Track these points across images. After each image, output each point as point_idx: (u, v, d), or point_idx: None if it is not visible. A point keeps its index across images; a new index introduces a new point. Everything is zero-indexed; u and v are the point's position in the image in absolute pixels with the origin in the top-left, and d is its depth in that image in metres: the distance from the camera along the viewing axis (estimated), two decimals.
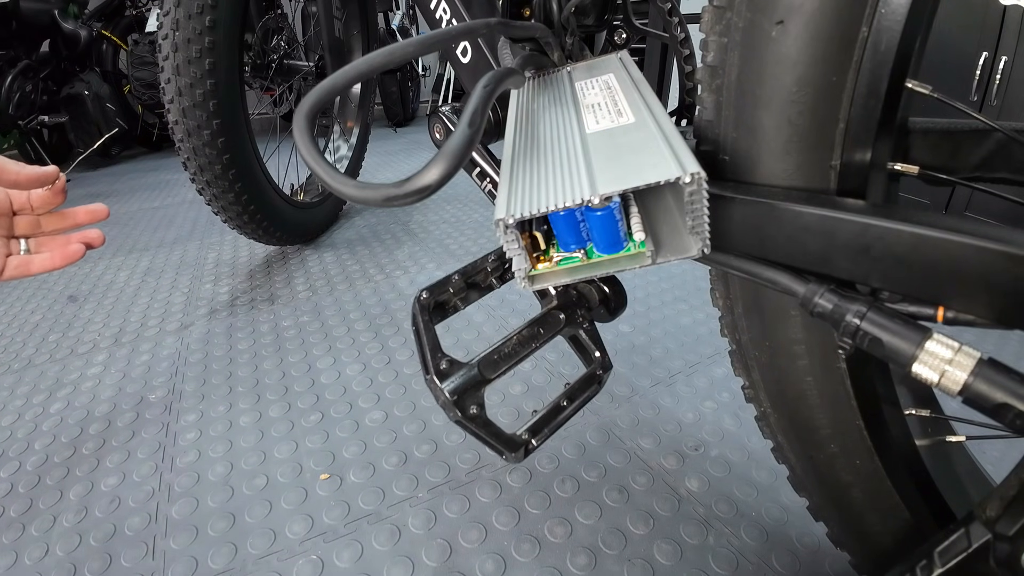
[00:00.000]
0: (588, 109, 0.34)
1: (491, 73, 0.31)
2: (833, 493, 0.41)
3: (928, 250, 0.23)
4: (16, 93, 2.05)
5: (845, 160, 0.28)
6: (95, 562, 0.60)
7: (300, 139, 0.23)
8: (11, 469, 0.73)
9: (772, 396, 0.40)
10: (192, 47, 1.01)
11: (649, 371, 0.87)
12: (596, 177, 0.26)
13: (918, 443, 0.37)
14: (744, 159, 0.31)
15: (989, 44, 1.18)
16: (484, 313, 1.06)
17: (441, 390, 0.35)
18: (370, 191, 0.22)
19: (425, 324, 0.39)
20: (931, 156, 0.33)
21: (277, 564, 0.59)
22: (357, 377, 0.89)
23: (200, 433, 0.78)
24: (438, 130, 0.52)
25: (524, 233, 0.29)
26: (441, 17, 0.57)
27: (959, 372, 0.22)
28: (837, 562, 0.56)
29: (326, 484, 0.68)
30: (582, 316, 0.44)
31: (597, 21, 0.56)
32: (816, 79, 0.27)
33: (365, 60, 0.27)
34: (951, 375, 0.22)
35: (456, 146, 0.24)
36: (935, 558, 0.27)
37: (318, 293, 1.19)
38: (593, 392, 0.43)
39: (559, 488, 0.66)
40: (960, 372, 0.22)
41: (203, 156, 1.09)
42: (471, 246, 1.40)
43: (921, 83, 0.27)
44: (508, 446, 0.37)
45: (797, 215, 0.27)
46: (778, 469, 0.67)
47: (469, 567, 0.57)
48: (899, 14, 0.25)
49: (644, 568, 0.56)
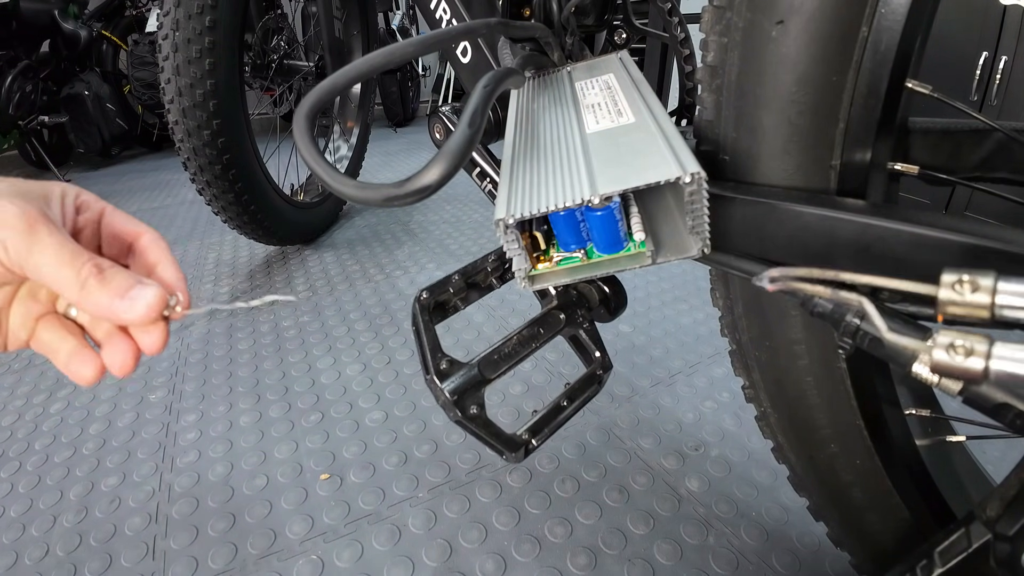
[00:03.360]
0: (588, 109, 0.34)
1: (491, 73, 0.31)
2: (833, 493, 0.41)
3: (928, 250, 0.23)
4: (16, 93, 2.05)
5: (845, 160, 0.28)
6: (95, 562, 0.60)
7: (300, 139, 0.23)
8: (11, 469, 0.73)
9: (772, 396, 0.40)
10: (192, 47, 1.01)
11: (649, 371, 0.87)
12: (596, 177, 0.26)
13: (918, 443, 0.37)
14: (744, 159, 0.31)
15: (989, 44, 1.18)
16: (484, 313, 1.06)
17: (441, 390, 0.35)
18: (370, 191, 0.22)
19: (425, 324, 0.39)
20: (931, 156, 0.33)
21: (277, 564, 0.59)
22: (357, 377, 0.89)
23: (200, 433, 0.78)
24: (438, 130, 0.52)
25: (524, 233, 0.29)
26: (441, 17, 0.57)
27: None
28: (837, 562, 0.56)
29: (326, 484, 0.68)
30: (582, 316, 0.44)
31: (597, 21, 0.56)
32: (816, 79, 0.27)
33: (365, 60, 0.27)
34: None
35: (456, 146, 0.24)
36: (935, 558, 0.27)
37: (318, 293, 1.19)
38: (593, 392, 0.43)
39: (559, 488, 0.66)
40: None
41: (203, 156, 1.09)
42: (471, 246, 1.40)
43: (921, 83, 0.27)
44: (508, 446, 0.37)
45: (797, 215, 0.27)
46: (778, 469, 0.67)
47: (469, 567, 0.57)
48: (899, 14, 0.25)
49: (644, 568, 0.56)
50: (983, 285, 0.15)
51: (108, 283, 0.25)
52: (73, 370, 0.28)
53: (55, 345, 0.28)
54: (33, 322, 0.28)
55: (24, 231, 0.23)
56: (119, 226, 0.29)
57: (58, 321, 0.28)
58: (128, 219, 0.30)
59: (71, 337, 0.28)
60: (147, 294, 0.26)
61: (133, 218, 0.30)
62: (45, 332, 0.28)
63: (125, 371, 0.28)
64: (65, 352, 0.28)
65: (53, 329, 0.28)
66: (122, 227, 0.29)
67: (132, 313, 0.25)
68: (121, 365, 0.28)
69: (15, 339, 0.28)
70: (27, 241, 0.23)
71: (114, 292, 0.25)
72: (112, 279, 0.25)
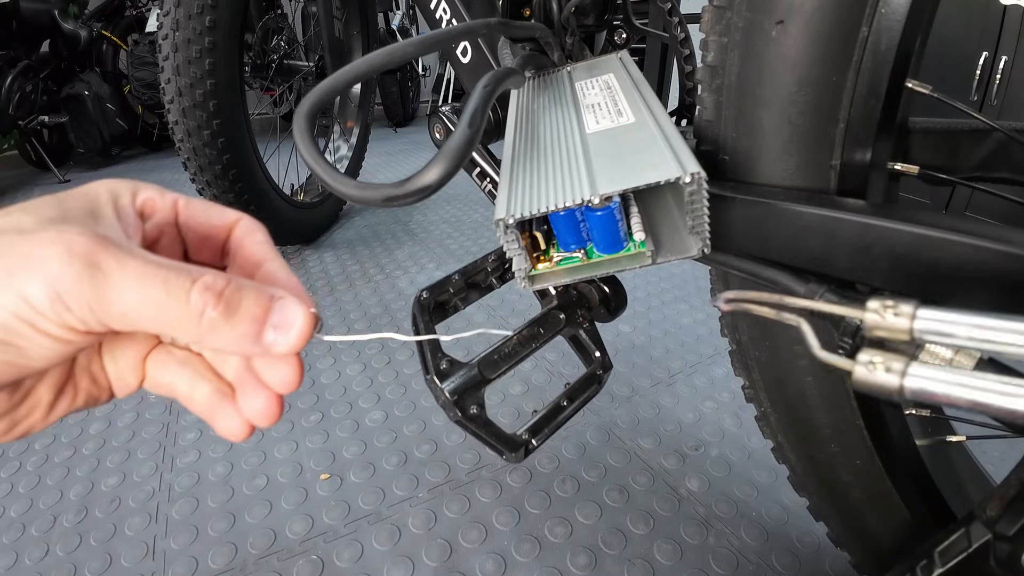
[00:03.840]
0: (588, 109, 0.34)
1: (491, 73, 0.31)
2: (833, 493, 0.41)
3: (928, 250, 0.23)
4: (16, 93, 2.05)
5: (845, 160, 0.28)
6: (95, 562, 0.60)
7: (300, 139, 0.23)
8: (11, 469, 0.73)
9: (772, 396, 0.40)
10: (192, 47, 1.01)
11: (649, 371, 0.87)
12: (596, 177, 0.26)
13: (918, 443, 0.37)
14: (744, 159, 0.31)
15: (989, 44, 1.18)
16: (484, 313, 1.06)
17: (441, 390, 0.35)
18: (370, 191, 0.22)
19: (425, 324, 0.39)
20: (931, 156, 0.33)
21: (277, 564, 0.59)
22: (357, 377, 0.89)
23: (200, 433, 0.78)
24: (438, 130, 0.52)
25: (524, 233, 0.29)
26: (441, 17, 0.57)
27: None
28: (837, 562, 0.56)
29: (326, 484, 0.68)
30: (582, 316, 0.44)
31: (597, 21, 0.56)
32: (816, 79, 0.27)
33: (365, 60, 0.27)
34: None
35: (456, 146, 0.24)
36: (935, 558, 0.27)
37: (318, 293, 1.19)
38: (593, 392, 0.43)
39: (559, 488, 0.66)
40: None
41: (203, 156, 1.09)
42: (471, 246, 1.40)
43: (921, 83, 0.27)
44: (508, 446, 0.37)
45: (797, 215, 0.27)
46: (778, 469, 0.67)
47: (469, 567, 0.57)
48: (899, 14, 0.25)
49: (644, 568, 0.56)
50: (903, 311, 0.17)
51: (235, 311, 0.17)
52: (221, 427, 0.21)
53: (182, 389, 0.21)
54: (141, 364, 0.21)
55: (81, 274, 0.16)
56: (202, 220, 0.22)
57: (171, 357, 0.21)
58: (209, 207, 0.22)
59: (201, 380, 0.21)
60: (296, 320, 0.18)
61: (215, 204, 0.22)
62: (164, 373, 0.21)
63: (270, 419, 0.21)
64: (203, 402, 0.21)
65: (172, 368, 0.21)
66: (207, 221, 0.22)
67: (283, 347, 0.18)
68: (265, 413, 0.21)
69: (124, 387, 0.21)
70: (91, 285, 0.16)
71: (249, 322, 0.18)
72: (238, 303, 0.18)
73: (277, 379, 0.20)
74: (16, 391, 0.19)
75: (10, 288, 0.15)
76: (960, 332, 0.16)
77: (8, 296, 0.15)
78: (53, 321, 0.16)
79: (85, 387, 0.21)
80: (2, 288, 0.15)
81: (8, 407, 0.19)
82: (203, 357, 0.22)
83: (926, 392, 0.16)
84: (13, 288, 0.15)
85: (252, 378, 0.21)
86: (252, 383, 0.21)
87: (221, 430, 0.21)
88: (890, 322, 0.17)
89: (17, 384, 0.19)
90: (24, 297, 0.15)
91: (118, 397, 0.22)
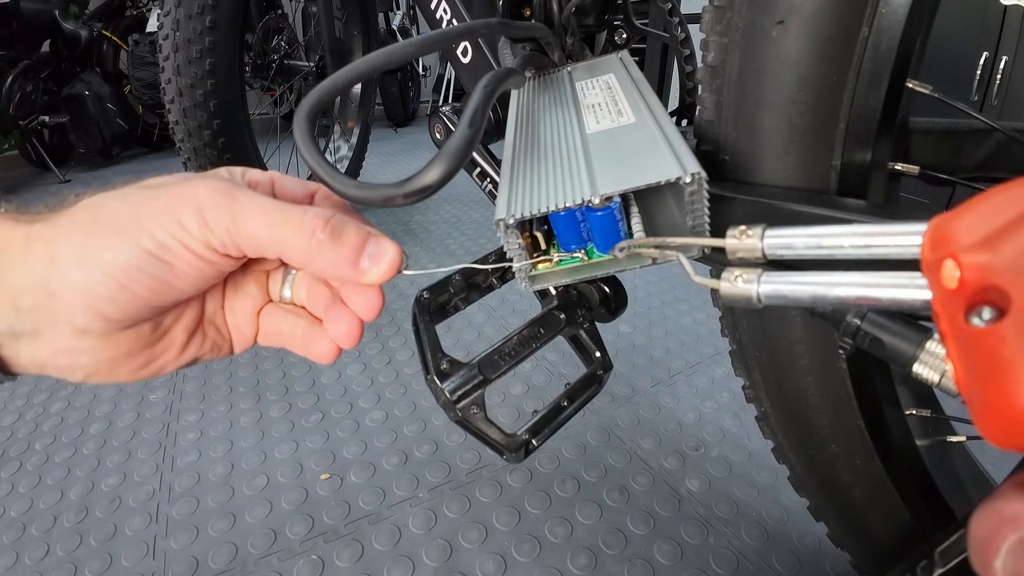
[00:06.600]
0: (588, 109, 0.34)
1: (491, 73, 0.31)
2: (833, 493, 0.41)
3: None
4: (17, 93, 2.05)
5: (845, 160, 0.28)
6: (95, 562, 0.60)
7: (300, 139, 0.23)
8: (12, 469, 0.73)
9: (772, 396, 0.40)
10: (193, 47, 1.02)
11: (649, 371, 0.87)
12: (596, 177, 0.26)
13: (918, 443, 0.37)
14: (744, 159, 0.31)
15: (989, 44, 1.18)
16: (484, 313, 1.06)
17: (442, 390, 0.35)
18: (370, 191, 0.22)
19: (425, 324, 0.39)
20: (931, 156, 0.33)
21: (277, 564, 0.59)
22: (357, 377, 0.89)
23: (200, 433, 0.78)
24: (438, 130, 0.52)
25: (525, 233, 0.29)
26: (441, 17, 0.57)
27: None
28: (837, 562, 0.56)
29: (326, 484, 0.68)
30: (582, 316, 0.44)
31: (597, 21, 0.56)
32: (817, 79, 0.27)
33: (365, 60, 0.27)
34: (952, 375, 0.22)
35: (456, 146, 0.24)
36: (936, 558, 0.27)
37: None
38: (593, 392, 0.43)
39: (559, 488, 0.66)
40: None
41: (204, 156, 1.09)
42: (471, 246, 1.40)
43: (921, 83, 0.27)
44: (508, 446, 0.37)
45: (797, 215, 0.27)
46: (779, 469, 0.66)
47: (469, 567, 0.57)
48: (899, 14, 0.25)
49: (644, 568, 0.56)
50: (753, 233, 0.20)
51: (340, 237, 0.21)
52: (314, 351, 0.25)
53: (287, 332, 0.26)
54: (255, 318, 0.26)
55: (221, 201, 0.20)
56: (291, 188, 0.26)
57: (279, 309, 0.26)
58: (296, 181, 0.27)
59: (300, 319, 0.26)
60: (389, 251, 0.22)
61: (299, 179, 0.27)
62: (272, 323, 0.26)
63: (352, 341, 0.25)
64: (300, 336, 0.25)
65: (279, 317, 0.26)
66: (294, 188, 0.26)
67: (375, 275, 0.22)
68: (348, 335, 0.25)
69: (242, 339, 0.26)
70: (230, 209, 0.20)
71: (350, 248, 0.22)
72: (342, 230, 0.22)
73: (363, 304, 0.24)
74: (157, 328, 0.23)
75: (169, 216, 0.20)
76: (799, 243, 0.19)
77: (169, 221, 0.20)
78: (200, 240, 0.20)
79: (212, 336, 0.25)
80: (164, 216, 0.20)
81: (149, 341, 0.23)
82: (301, 308, 0.26)
83: (778, 295, 0.19)
84: (171, 216, 0.20)
85: (338, 309, 0.25)
86: (338, 312, 0.25)
87: (314, 354, 0.25)
88: (745, 244, 0.20)
89: (159, 321, 0.23)
90: (180, 221, 0.20)
91: (236, 352, 0.26)
